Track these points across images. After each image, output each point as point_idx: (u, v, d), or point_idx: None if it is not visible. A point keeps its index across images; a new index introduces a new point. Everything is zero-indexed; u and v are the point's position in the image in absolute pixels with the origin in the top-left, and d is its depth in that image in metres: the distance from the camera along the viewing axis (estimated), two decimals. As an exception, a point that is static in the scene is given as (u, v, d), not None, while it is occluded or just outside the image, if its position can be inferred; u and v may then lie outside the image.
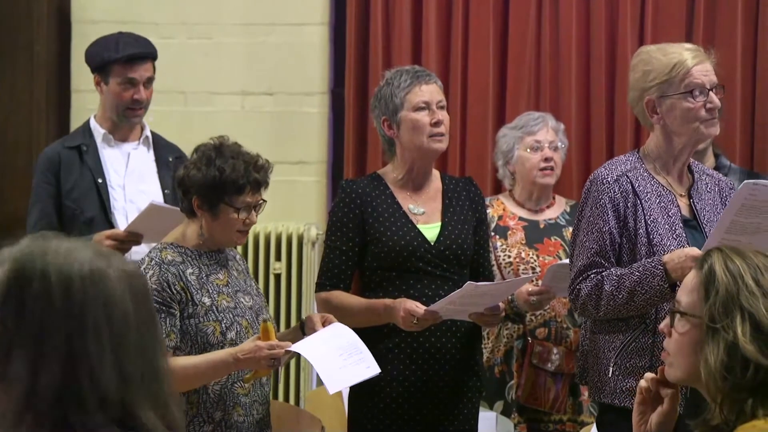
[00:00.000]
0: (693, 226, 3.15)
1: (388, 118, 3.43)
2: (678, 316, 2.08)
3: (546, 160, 4.03)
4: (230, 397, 3.01)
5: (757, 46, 4.58)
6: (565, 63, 4.71)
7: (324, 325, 3.02)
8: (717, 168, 3.94)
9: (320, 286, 3.44)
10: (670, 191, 3.15)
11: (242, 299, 3.08)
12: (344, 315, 3.20)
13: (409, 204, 3.45)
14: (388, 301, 3.31)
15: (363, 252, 3.41)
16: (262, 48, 5.00)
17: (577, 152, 4.67)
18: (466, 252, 3.43)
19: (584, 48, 4.71)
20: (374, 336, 3.28)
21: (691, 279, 2.09)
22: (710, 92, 3.11)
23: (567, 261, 3.50)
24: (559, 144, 4.10)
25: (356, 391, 3.37)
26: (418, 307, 3.24)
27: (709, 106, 3.10)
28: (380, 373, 3.06)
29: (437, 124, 3.39)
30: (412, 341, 3.35)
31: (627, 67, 4.66)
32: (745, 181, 2.99)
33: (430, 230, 3.43)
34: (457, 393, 3.40)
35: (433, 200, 3.48)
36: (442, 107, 3.42)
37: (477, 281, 3.27)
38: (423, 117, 3.39)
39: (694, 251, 2.90)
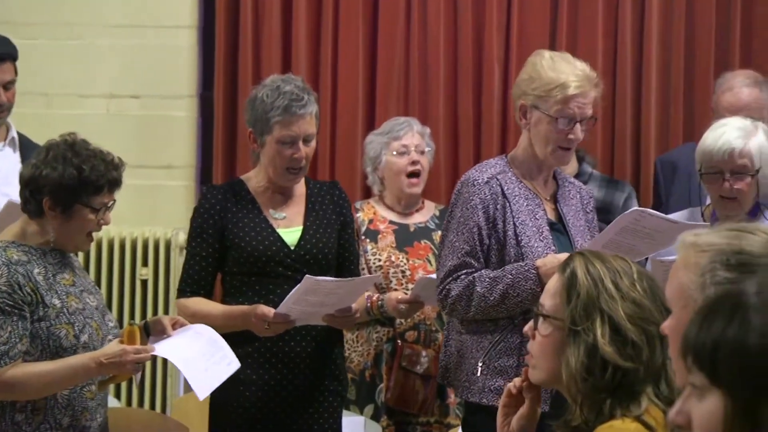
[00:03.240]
0: (558, 230, 3.22)
1: (255, 132, 3.41)
2: (541, 318, 2.12)
3: (413, 163, 4.07)
4: (79, 402, 2.95)
5: (616, 57, 4.71)
6: (434, 69, 4.77)
7: (174, 327, 2.98)
8: (579, 174, 4.03)
9: (180, 292, 3.42)
10: (536, 195, 3.21)
11: (88, 299, 3.00)
12: (203, 322, 3.18)
13: (270, 209, 3.44)
14: (243, 307, 3.31)
15: (223, 257, 3.40)
16: (129, 50, 4.92)
17: (445, 157, 4.72)
18: (328, 256, 3.43)
19: (452, 55, 4.77)
20: (233, 340, 3.26)
21: (554, 282, 2.14)
22: (577, 124, 3.15)
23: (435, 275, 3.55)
24: (426, 148, 4.14)
25: (217, 396, 3.34)
26: (269, 312, 3.23)
27: (570, 137, 3.16)
28: (240, 367, 3.05)
29: (297, 160, 3.37)
30: (272, 345, 3.34)
31: (493, 74, 4.75)
32: (635, 208, 3.11)
33: (291, 234, 3.42)
34: (316, 396, 3.40)
35: (296, 204, 3.47)
36: (309, 141, 3.38)
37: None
38: (285, 151, 3.36)
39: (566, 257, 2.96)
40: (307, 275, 3.19)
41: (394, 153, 4.09)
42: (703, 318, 1.41)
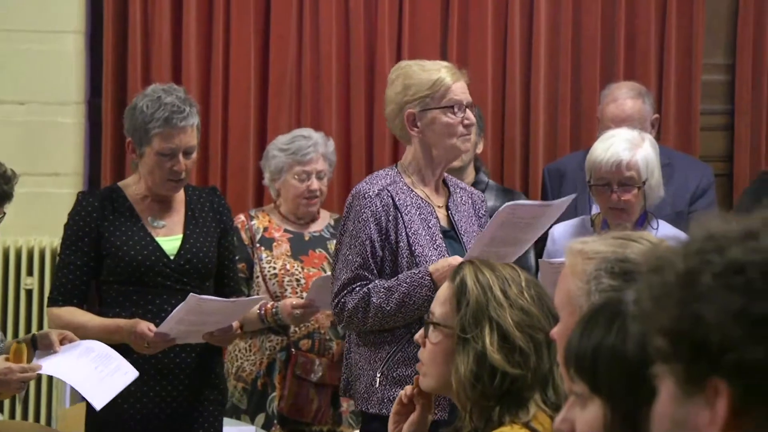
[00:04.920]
0: (451, 237, 3.24)
1: (134, 142, 3.36)
2: (431, 326, 2.14)
3: (311, 190, 4.05)
4: None
5: (506, 67, 4.78)
6: (326, 79, 4.77)
7: (62, 343, 2.92)
8: (476, 183, 4.08)
9: (52, 301, 3.33)
10: (428, 203, 3.24)
11: None
12: (77, 333, 3.10)
13: (149, 216, 3.39)
14: (121, 322, 3.25)
15: (99, 266, 3.33)
16: (14, 55, 4.81)
17: (338, 166, 4.71)
18: (208, 265, 3.39)
19: (344, 66, 4.78)
20: None
21: (444, 290, 2.16)
22: (467, 109, 3.23)
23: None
24: (327, 168, 4.12)
25: (94, 410, 3.25)
26: (149, 331, 3.18)
27: (466, 122, 3.23)
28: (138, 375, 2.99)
29: (176, 173, 3.32)
30: (150, 357, 3.28)
31: (385, 84, 4.76)
32: (506, 204, 3.15)
33: (170, 243, 3.37)
34: (197, 407, 3.37)
35: (176, 213, 3.42)
36: (189, 153, 3.34)
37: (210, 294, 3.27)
38: (164, 163, 3.31)
39: (458, 260, 2.98)
40: (191, 293, 3.14)
41: (296, 177, 4.06)
42: (584, 326, 1.43)
